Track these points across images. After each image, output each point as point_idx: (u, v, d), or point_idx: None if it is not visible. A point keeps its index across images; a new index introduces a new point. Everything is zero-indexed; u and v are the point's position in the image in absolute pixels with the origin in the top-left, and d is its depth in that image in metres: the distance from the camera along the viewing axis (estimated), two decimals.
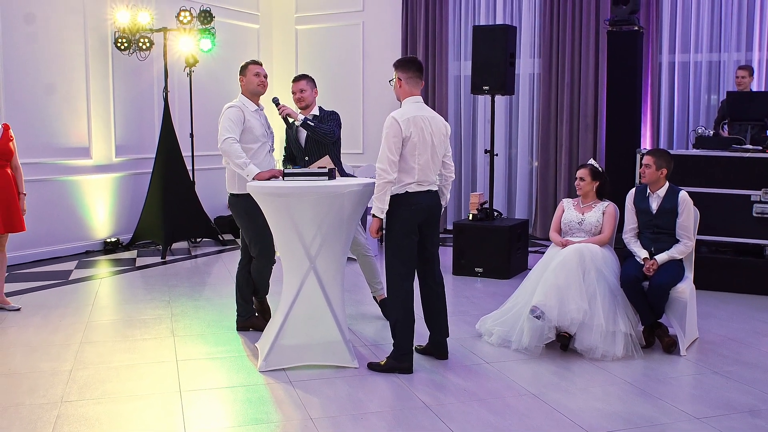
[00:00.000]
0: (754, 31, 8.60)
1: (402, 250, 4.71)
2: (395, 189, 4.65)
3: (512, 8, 9.86)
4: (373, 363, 4.82)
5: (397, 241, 4.71)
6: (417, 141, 4.61)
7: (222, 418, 4.16)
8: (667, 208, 5.32)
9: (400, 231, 4.68)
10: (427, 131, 4.67)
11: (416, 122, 4.62)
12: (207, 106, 9.81)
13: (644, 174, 5.39)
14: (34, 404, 4.25)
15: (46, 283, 7.23)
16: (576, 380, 4.69)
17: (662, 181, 5.38)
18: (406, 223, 4.68)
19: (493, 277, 7.46)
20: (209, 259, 8.60)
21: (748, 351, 5.25)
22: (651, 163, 5.35)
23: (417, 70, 4.77)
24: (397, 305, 4.74)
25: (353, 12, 10.82)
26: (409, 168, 4.63)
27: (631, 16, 7.82)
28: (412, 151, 4.61)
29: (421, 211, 4.71)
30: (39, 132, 8.18)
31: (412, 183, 4.66)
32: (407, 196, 4.67)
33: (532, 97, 9.89)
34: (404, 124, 4.58)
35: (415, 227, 4.71)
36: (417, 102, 4.76)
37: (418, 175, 4.65)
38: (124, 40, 8.85)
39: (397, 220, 4.69)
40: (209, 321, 5.98)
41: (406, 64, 4.80)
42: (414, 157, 4.62)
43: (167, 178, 8.83)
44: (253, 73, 5.47)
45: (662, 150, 5.51)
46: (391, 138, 4.57)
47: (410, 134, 4.59)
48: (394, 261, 4.74)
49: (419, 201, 4.69)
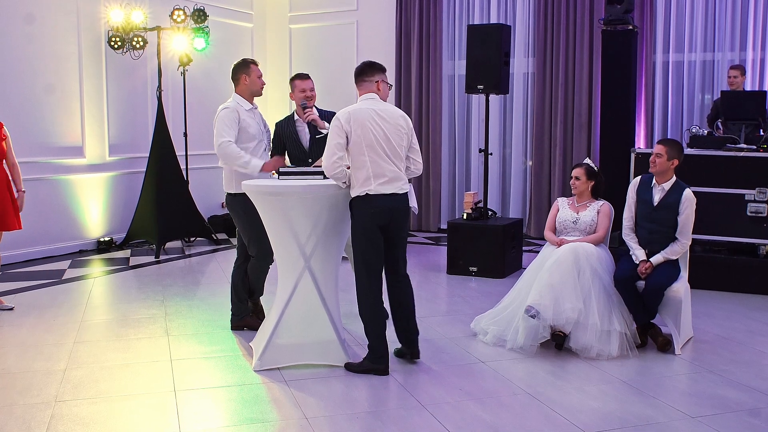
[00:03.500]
0: (747, 30, 8.63)
1: (365, 253, 4.66)
2: (356, 190, 4.62)
3: (506, 7, 9.87)
4: (349, 363, 4.79)
5: (359, 243, 4.67)
6: (361, 133, 4.57)
7: (217, 418, 4.15)
8: (668, 203, 5.24)
9: (362, 234, 4.64)
10: (375, 123, 4.61)
11: (358, 116, 4.59)
12: (201, 105, 9.79)
13: (654, 163, 5.24)
14: (27, 404, 4.23)
15: (40, 282, 7.20)
16: (571, 379, 4.68)
17: (670, 173, 5.27)
18: (368, 225, 4.62)
19: (487, 276, 7.46)
20: (203, 258, 8.58)
21: (743, 350, 5.26)
22: (663, 152, 5.21)
23: (357, 75, 4.80)
24: (365, 307, 4.71)
25: (347, 11, 10.82)
26: (360, 162, 4.58)
27: (625, 15, 7.83)
28: (359, 144, 4.57)
29: (382, 213, 4.62)
30: (32, 131, 8.14)
31: (371, 181, 4.58)
32: (367, 198, 4.61)
33: (527, 97, 9.89)
34: (344, 119, 4.58)
35: (376, 229, 4.63)
36: (369, 98, 4.73)
37: (371, 168, 4.57)
38: (118, 39, 8.83)
39: (358, 223, 4.66)
40: (203, 320, 5.96)
41: (355, 75, 4.84)
42: (362, 151, 4.57)
43: (161, 178, 8.80)
44: (257, 75, 5.47)
45: (675, 140, 5.33)
46: (331, 135, 4.59)
47: (351, 129, 4.57)
48: (358, 263, 4.71)
49: (380, 204, 4.61)
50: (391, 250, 4.78)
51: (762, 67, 8.59)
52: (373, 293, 4.69)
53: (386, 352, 4.72)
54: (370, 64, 4.85)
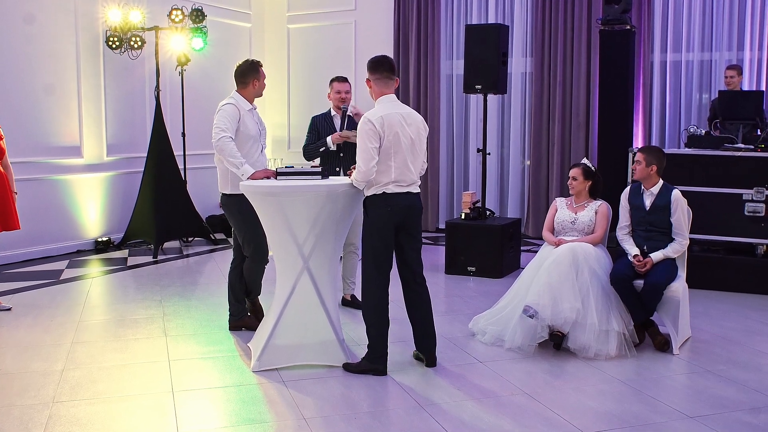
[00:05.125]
0: (745, 30, 8.64)
1: (377, 252, 4.65)
2: (373, 189, 4.60)
3: (504, 7, 9.87)
4: (347, 363, 4.78)
5: (372, 242, 4.65)
6: (392, 139, 4.55)
7: (215, 418, 4.14)
8: (660, 206, 5.33)
9: (376, 233, 4.63)
10: (403, 128, 4.60)
11: (390, 120, 4.56)
12: (199, 105, 9.78)
13: (635, 170, 5.41)
14: (25, 405, 4.22)
15: (37, 282, 7.19)
16: (569, 379, 4.69)
17: (655, 178, 5.38)
18: (383, 224, 4.61)
19: (485, 276, 7.46)
20: (201, 258, 8.57)
21: (741, 350, 5.27)
22: (641, 159, 5.36)
23: (386, 70, 4.71)
24: (370, 307, 4.69)
25: (345, 11, 10.81)
26: (386, 167, 4.56)
27: (622, 15, 7.84)
28: (388, 150, 4.55)
29: (398, 212, 4.61)
30: (30, 131, 8.13)
31: (390, 183, 4.58)
32: (384, 197, 4.60)
33: (525, 96, 9.90)
34: (378, 123, 4.52)
35: (391, 229, 4.63)
36: (391, 101, 4.70)
37: (395, 174, 4.57)
38: (116, 38, 8.82)
39: (373, 221, 4.63)
40: (201, 320, 5.96)
41: (375, 65, 4.75)
42: (390, 156, 4.56)
43: (159, 177, 8.80)
44: (264, 78, 5.48)
45: (654, 147, 5.51)
46: (366, 139, 4.51)
47: (384, 133, 4.53)
48: (368, 262, 4.69)
49: (397, 202, 4.60)
50: (406, 252, 4.75)
51: (759, 67, 8.60)
52: (379, 293, 4.67)
53: (385, 353, 4.71)
54: (392, 62, 4.79)
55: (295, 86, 11.28)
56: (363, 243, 4.73)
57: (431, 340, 4.88)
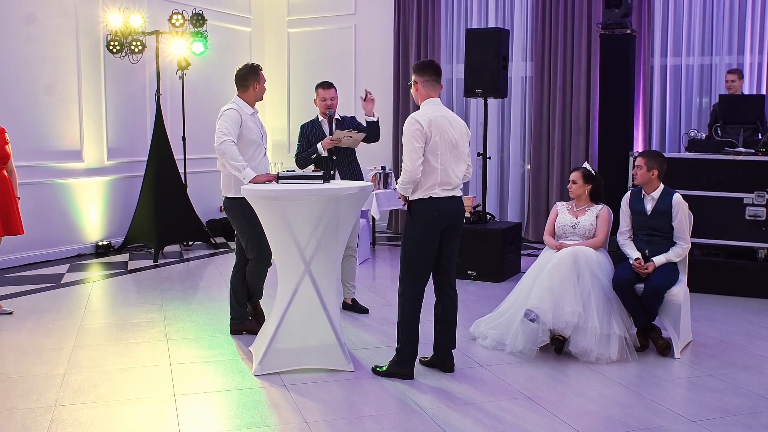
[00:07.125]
0: (745, 34, 8.65)
1: (419, 256, 4.64)
2: (419, 193, 4.59)
3: (504, 11, 9.88)
4: (376, 367, 4.80)
5: (416, 246, 4.63)
6: (438, 140, 4.55)
7: (216, 422, 4.14)
8: (661, 210, 5.34)
9: (421, 237, 4.62)
10: (449, 131, 4.61)
11: (437, 122, 4.57)
12: (199, 109, 9.79)
13: (636, 175, 5.43)
14: (27, 408, 4.22)
15: (38, 286, 7.19)
16: (571, 383, 4.69)
17: (656, 183, 5.40)
18: (428, 229, 4.60)
19: (486, 280, 7.46)
20: (201, 262, 8.57)
21: (742, 353, 5.27)
22: (642, 164, 5.37)
23: (434, 73, 4.73)
24: (405, 310, 4.69)
25: (345, 15, 10.82)
26: (432, 169, 4.56)
27: (623, 19, 7.85)
28: (434, 151, 4.55)
29: (444, 217, 4.62)
30: (31, 135, 8.13)
31: (436, 187, 4.57)
32: (431, 201, 4.59)
33: (525, 101, 9.91)
34: (425, 123, 4.53)
35: (437, 234, 4.62)
36: (436, 103, 4.71)
37: (440, 177, 4.57)
38: (116, 43, 8.82)
39: (418, 226, 4.62)
40: (203, 324, 5.96)
41: (422, 67, 4.77)
42: (436, 158, 4.56)
43: (159, 181, 8.80)
44: (264, 81, 5.49)
45: (654, 151, 5.53)
46: (412, 139, 4.52)
47: (431, 134, 4.54)
48: (409, 266, 4.67)
49: (443, 207, 4.60)
50: (445, 257, 4.75)
51: (760, 71, 8.61)
52: (415, 297, 4.68)
53: (413, 356, 4.73)
54: (438, 66, 4.81)
55: (295, 90, 11.29)
56: (405, 245, 4.70)
57: (452, 346, 4.91)
